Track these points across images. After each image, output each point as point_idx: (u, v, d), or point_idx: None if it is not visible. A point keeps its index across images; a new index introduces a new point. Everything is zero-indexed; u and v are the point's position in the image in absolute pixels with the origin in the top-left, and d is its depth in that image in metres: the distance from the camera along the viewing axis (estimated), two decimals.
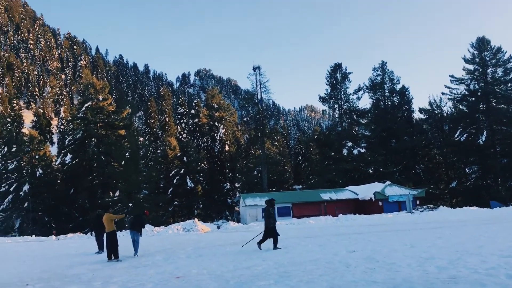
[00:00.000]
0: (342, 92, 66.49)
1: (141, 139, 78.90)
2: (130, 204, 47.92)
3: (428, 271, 8.76)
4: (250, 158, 72.56)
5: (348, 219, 34.63)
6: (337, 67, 66.87)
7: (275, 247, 15.07)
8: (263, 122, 65.26)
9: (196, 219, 36.67)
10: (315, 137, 75.43)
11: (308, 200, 46.12)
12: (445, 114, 66.99)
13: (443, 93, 66.15)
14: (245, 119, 70.96)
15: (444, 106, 67.26)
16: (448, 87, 64.76)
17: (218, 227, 36.76)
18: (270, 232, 15.22)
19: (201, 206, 64.14)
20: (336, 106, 67.16)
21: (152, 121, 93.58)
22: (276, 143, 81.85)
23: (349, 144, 61.98)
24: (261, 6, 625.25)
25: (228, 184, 69.44)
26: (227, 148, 72.66)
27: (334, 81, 66.60)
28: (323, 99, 67.60)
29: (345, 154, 61.22)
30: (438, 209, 41.28)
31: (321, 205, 45.75)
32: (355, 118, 67.17)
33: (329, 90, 67.08)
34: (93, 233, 18.98)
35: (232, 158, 72.88)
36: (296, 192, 55.27)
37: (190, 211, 63.00)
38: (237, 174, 72.06)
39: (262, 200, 45.09)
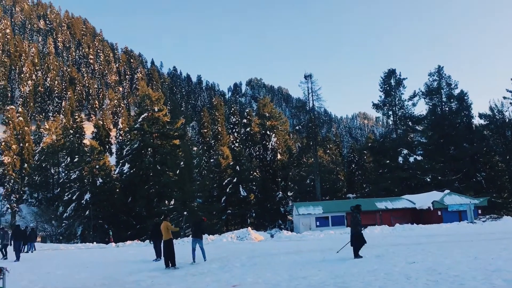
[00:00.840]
0: (397, 99, 64.95)
1: (195, 148, 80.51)
2: (185, 213, 48.84)
3: (495, 285, 8.32)
4: (302, 166, 72.18)
5: (406, 229, 33.59)
6: (391, 73, 65.48)
7: (356, 256, 14.71)
8: (315, 130, 64.77)
9: (249, 228, 36.79)
10: (369, 144, 74.06)
11: (363, 209, 45.12)
12: (507, 119, 63.74)
13: (504, 97, 62.94)
14: (297, 128, 70.70)
15: (506, 111, 63.92)
16: (510, 91, 61.66)
17: (272, 236, 36.72)
18: (360, 238, 14.88)
19: (254, 214, 64.40)
20: (390, 112, 65.66)
21: (205, 130, 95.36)
22: (328, 151, 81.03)
23: (405, 151, 60.28)
24: (311, 12, 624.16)
25: (280, 192, 69.33)
26: (279, 156, 72.66)
27: (388, 87, 65.20)
28: (376, 106, 66.31)
29: (401, 162, 59.54)
30: (502, 219, 39.30)
31: (377, 214, 44.65)
32: (411, 125, 65.35)
33: (383, 97, 65.74)
34: (151, 240, 19.42)
35: (284, 166, 72.78)
36: (350, 201, 54.30)
37: (243, 220, 63.40)
38: (290, 183, 71.84)
39: (315, 209, 44.70)
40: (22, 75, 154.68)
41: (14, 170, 76.50)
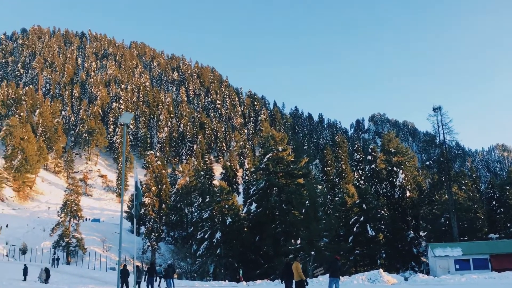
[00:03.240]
0: None
1: (319, 187, 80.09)
2: (312, 252, 48.28)
3: None
4: (435, 204, 67.36)
5: None
6: None
7: None
8: (447, 165, 60.45)
9: (381, 270, 35.07)
10: None
11: (510, 252, 40.50)
12: None
13: None
14: (427, 163, 66.73)
15: None
16: None
17: (406, 279, 34.57)
18: None
19: (383, 255, 61.24)
20: None
21: (329, 168, 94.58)
22: (464, 187, 74.83)
23: None
24: (434, 42, 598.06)
25: (411, 232, 65.25)
26: (408, 194, 68.83)
27: None
28: None
29: None
30: None
31: None
32: None
33: None
34: (282, 280, 19.48)
35: (415, 204, 68.62)
36: (494, 242, 49.16)
37: (373, 261, 60.55)
38: (421, 222, 67.39)
39: (454, 251, 41.23)
40: (160, 123, 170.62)
41: (153, 210, 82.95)
